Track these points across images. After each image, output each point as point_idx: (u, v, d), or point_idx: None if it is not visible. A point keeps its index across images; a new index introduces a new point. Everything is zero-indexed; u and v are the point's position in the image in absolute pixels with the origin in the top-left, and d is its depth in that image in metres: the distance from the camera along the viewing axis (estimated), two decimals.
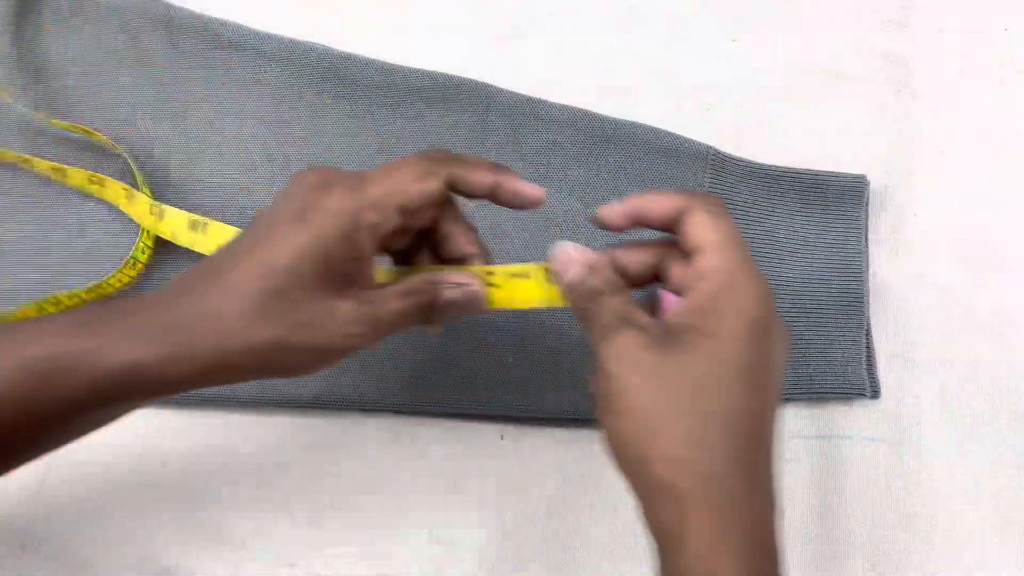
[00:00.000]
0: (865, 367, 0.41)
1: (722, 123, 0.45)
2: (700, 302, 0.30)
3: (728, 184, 0.43)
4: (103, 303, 0.33)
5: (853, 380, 0.41)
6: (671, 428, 0.29)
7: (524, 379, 0.43)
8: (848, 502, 0.41)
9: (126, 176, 0.46)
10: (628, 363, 0.30)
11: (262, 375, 0.32)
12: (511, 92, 0.45)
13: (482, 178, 0.33)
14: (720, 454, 0.28)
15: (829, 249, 0.42)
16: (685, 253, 0.31)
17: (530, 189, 0.34)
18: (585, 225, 0.44)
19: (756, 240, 0.43)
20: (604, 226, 0.33)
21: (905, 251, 0.43)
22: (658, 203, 0.32)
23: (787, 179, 0.43)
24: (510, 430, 0.44)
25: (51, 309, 0.44)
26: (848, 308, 0.42)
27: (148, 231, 0.44)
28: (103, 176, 0.44)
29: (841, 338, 0.42)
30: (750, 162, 0.43)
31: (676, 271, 0.32)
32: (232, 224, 0.45)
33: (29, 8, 0.48)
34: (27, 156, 0.45)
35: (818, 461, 0.42)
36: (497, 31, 0.47)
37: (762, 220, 0.43)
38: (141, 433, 0.45)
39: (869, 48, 0.45)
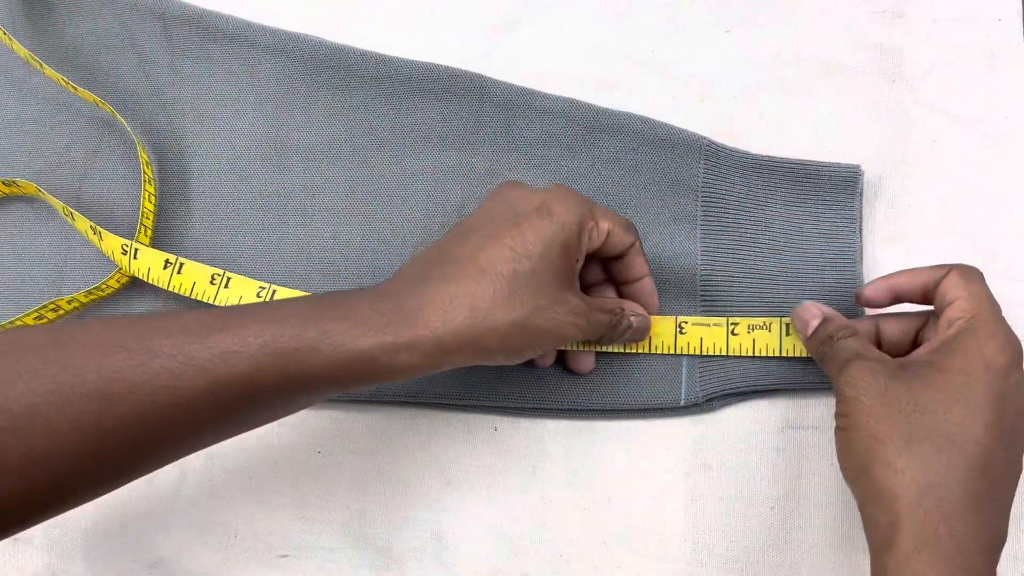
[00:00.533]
0: None
1: (716, 114, 0.45)
2: (943, 342, 0.34)
3: (722, 174, 0.43)
4: (331, 292, 0.35)
5: None
6: (894, 440, 0.33)
7: (517, 371, 0.43)
8: (839, 492, 0.41)
9: (131, 156, 0.46)
10: (860, 387, 0.34)
11: (490, 359, 0.35)
12: (505, 83, 0.45)
13: (644, 264, 0.40)
14: (938, 468, 0.32)
15: (823, 239, 0.42)
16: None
17: (655, 300, 0.41)
18: None
19: (750, 231, 0.43)
20: (870, 304, 0.39)
21: (899, 241, 0.43)
22: (919, 276, 0.37)
23: (781, 169, 0.43)
24: (503, 422, 0.44)
25: (51, 316, 0.44)
26: (842, 298, 0.42)
27: (145, 229, 0.44)
28: (102, 229, 0.44)
29: None
30: (744, 153, 0.43)
31: (931, 334, 0.37)
32: (223, 218, 0.46)
33: (26, 2, 0.48)
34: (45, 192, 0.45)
35: (810, 452, 0.42)
36: (491, 22, 0.47)
37: (756, 210, 0.43)
38: None
39: (863, 39, 0.45)
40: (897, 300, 0.38)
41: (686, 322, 0.41)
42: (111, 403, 0.31)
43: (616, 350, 0.42)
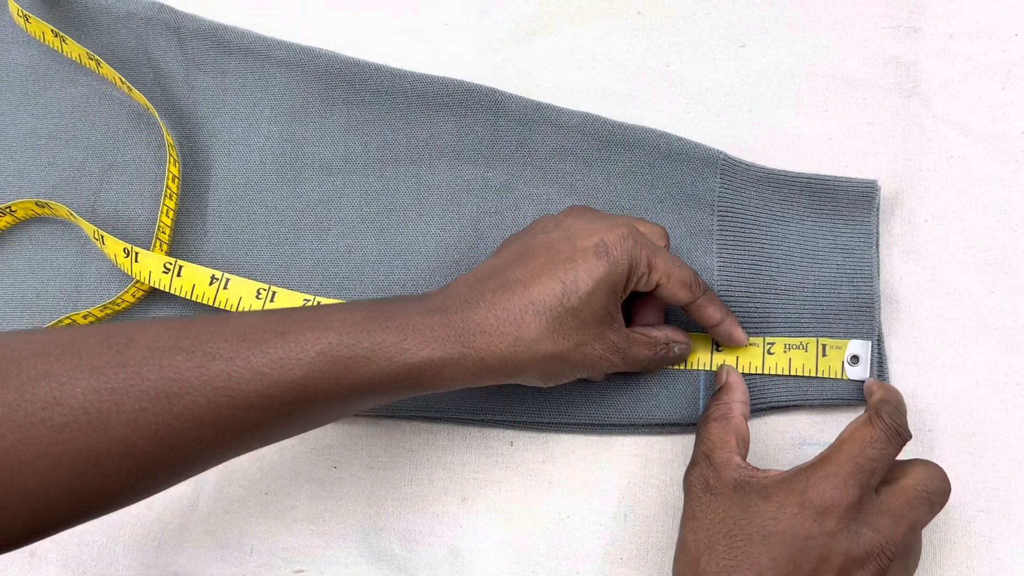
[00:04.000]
0: (876, 373, 0.41)
1: (732, 128, 0.45)
2: (794, 470, 0.35)
3: (738, 189, 0.43)
4: (382, 301, 0.36)
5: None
6: (700, 548, 0.35)
7: (534, 387, 0.43)
8: None
9: (162, 149, 0.46)
10: (690, 492, 0.37)
11: (525, 380, 0.37)
12: (520, 97, 0.45)
13: (713, 315, 0.40)
14: None
15: (840, 254, 0.42)
16: None
17: (741, 335, 0.41)
18: None
19: (766, 245, 0.43)
20: None
21: (916, 256, 0.43)
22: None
23: (798, 184, 0.43)
24: (520, 437, 0.44)
25: None
26: (859, 313, 0.42)
27: (161, 243, 0.45)
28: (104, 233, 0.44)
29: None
30: (760, 167, 0.43)
31: None
32: (239, 232, 0.46)
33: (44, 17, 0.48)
34: (77, 216, 0.45)
35: None
36: (507, 36, 0.48)
37: (772, 225, 0.43)
38: None
39: (878, 54, 0.45)
40: None
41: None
42: (169, 403, 0.31)
43: None
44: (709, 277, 0.43)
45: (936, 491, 0.35)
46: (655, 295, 0.39)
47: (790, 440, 0.42)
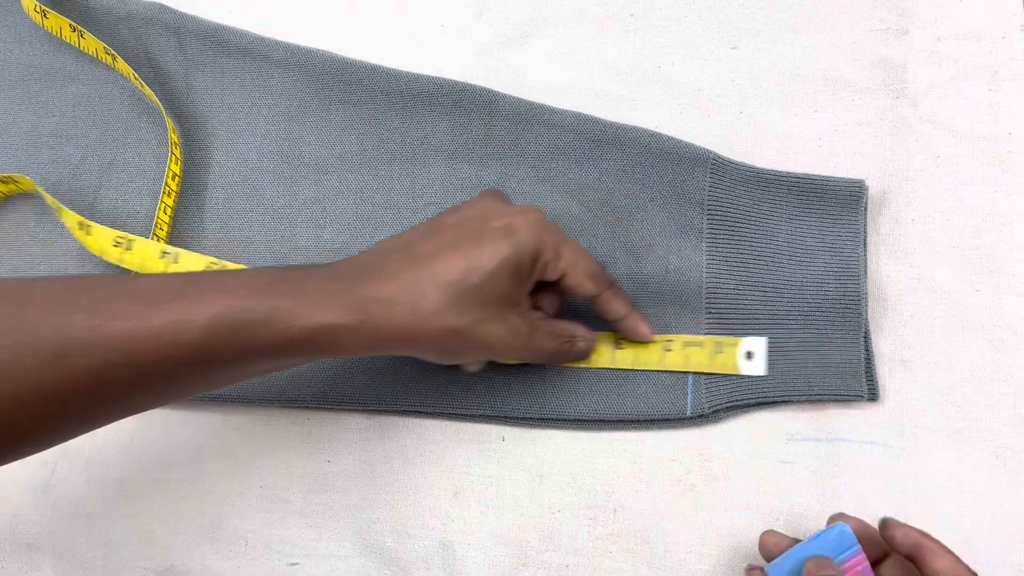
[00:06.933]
0: (864, 370, 0.42)
1: (722, 128, 0.46)
2: None
3: (728, 188, 0.44)
4: (290, 266, 0.37)
5: (852, 383, 0.41)
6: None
7: (525, 382, 0.43)
8: (846, 505, 0.41)
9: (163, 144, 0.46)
10: None
11: (422, 354, 0.37)
12: (514, 97, 0.46)
13: (618, 309, 0.40)
14: None
15: (828, 253, 0.43)
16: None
17: (646, 330, 0.42)
18: (583, 228, 0.44)
19: (755, 244, 0.43)
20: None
21: (903, 255, 0.43)
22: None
23: (786, 184, 0.43)
24: (511, 433, 0.44)
25: None
26: (846, 311, 0.42)
27: (158, 239, 0.45)
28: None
29: (840, 341, 0.42)
30: (750, 167, 0.44)
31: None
32: (235, 229, 0.46)
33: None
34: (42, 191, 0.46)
35: (816, 464, 0.42)
36: (501, 38, 0.48)
37: (761, 224, 0.43)
38: (146, 433, 0.46)
39: (867, 55, 0.45)
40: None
41: (623, 338, 0.42)
42: (66, 361, 0.32)
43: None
44: (699, 274, 0.43)
45: None
46: (561, 286, 0.39)
47: (779, 436, 0.42)
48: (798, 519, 0.42)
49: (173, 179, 0.45)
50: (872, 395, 0.42)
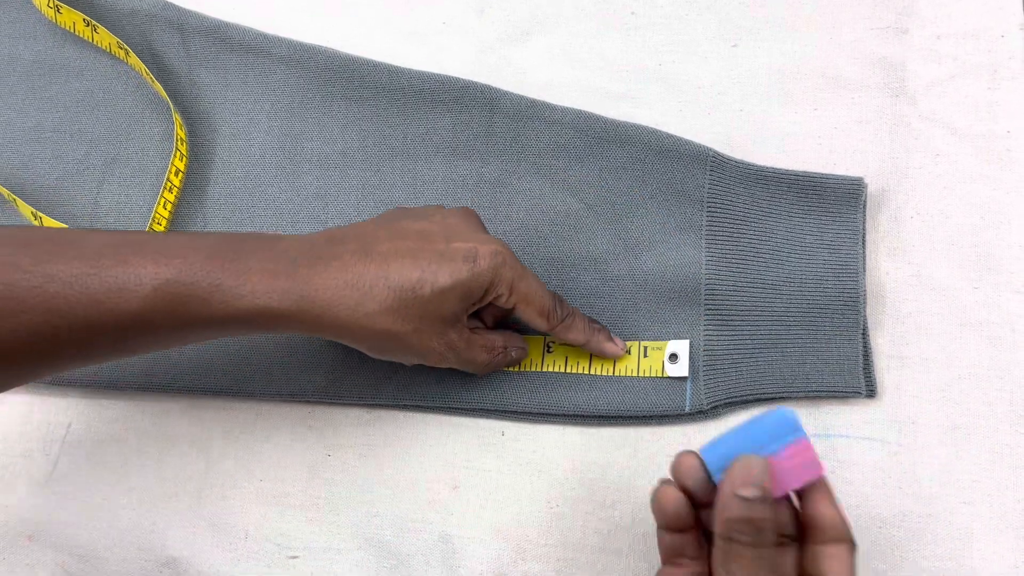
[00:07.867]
0: (862, 367, 0.42)
1: (722, 126, 0.46)
2: None
3: (727, 185, 0.44)
4: (235, 234, 0.37)
5: (850, 380, 0.41)
6: None
7: (525, 377, 0.43)
8: (843, 500, 0.41)
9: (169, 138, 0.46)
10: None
11: (355, 346, 0.37)
12: (515, 94, 0.46)
13: (576, 337, 0.41)
14: None
15: (827, 250, 0.43)
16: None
17: (613, 348, 0.42)
18: (583, 224, 0.45)
19: (754, 241, 0.43)
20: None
21: (902, 253, 0.43)
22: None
23: (786, 181, 0.43)
24: (510, 427, 0.44)
25: None
26: (845, 308, 0.42)
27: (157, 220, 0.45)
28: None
29: (838, 338, 0.42)
30: (749, 164, 0.44)
31: None
32: (237, 224, 0.46)
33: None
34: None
35: None
36: (502, 35, 0.48)
37: (760, 221, 0.44)
38: (146, 426, 0.46)
39: (867, 54, 0.45)
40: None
41: (553, 342, 0.43)
42: (3, 319, 0.32)
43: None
44: (698, 271, 0.43)
45: None
46: (513, 314, 0.40)
47: None
48: None
49: (176, 175, 0.46)
50: (870, 392, 0.42)
